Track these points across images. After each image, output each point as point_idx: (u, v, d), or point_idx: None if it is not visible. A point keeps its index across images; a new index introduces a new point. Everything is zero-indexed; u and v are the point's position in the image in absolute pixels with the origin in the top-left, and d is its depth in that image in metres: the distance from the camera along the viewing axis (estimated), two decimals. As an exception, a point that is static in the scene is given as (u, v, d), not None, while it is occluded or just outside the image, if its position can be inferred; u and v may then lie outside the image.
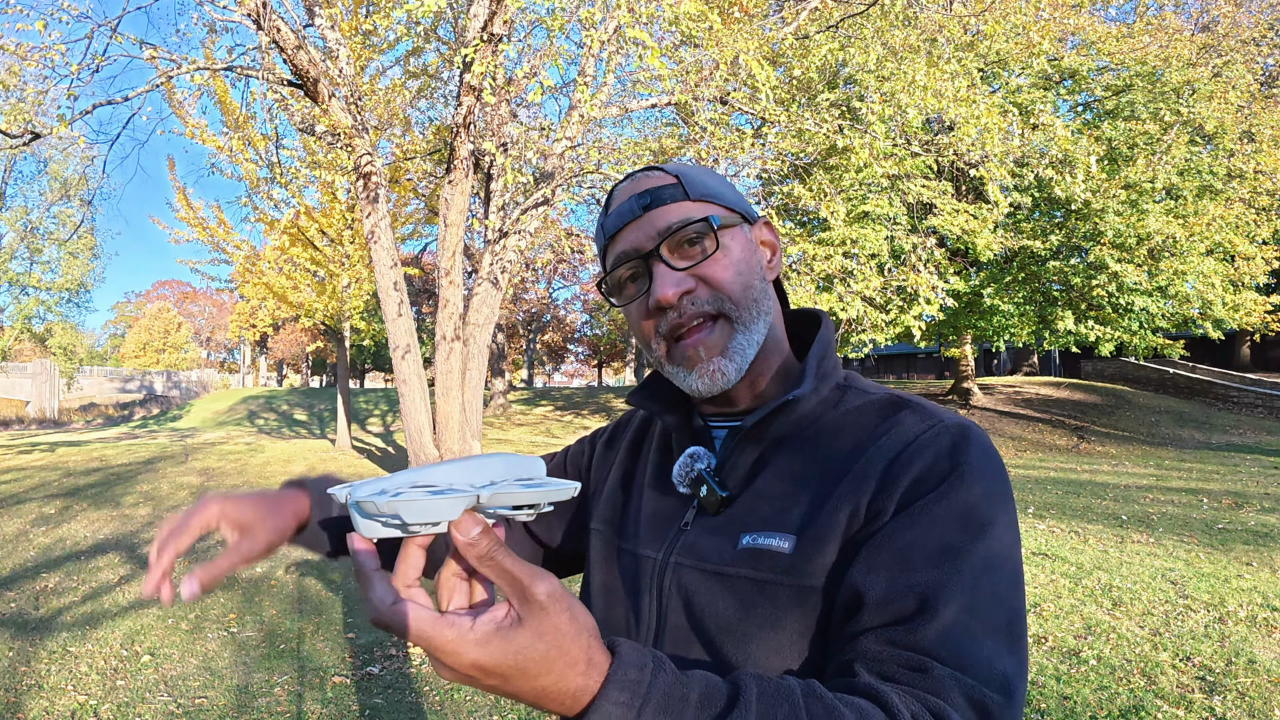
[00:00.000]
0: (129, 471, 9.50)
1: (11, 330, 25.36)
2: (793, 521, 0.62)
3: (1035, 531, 6.33)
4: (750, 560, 0.62)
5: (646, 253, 0.67)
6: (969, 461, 0.59)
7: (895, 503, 0.58)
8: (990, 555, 0.56)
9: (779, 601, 0.60)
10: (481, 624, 0.42)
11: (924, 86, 7.34)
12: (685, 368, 0.68)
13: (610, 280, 0.71)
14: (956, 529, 0.56)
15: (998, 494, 0.59)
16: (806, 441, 0.67)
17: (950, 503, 0.57)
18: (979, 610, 0.54)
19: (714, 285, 0.67)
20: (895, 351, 32.82)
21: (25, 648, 3.71)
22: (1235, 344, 22.26)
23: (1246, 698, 3.01)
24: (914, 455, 0.60)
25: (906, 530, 0.57)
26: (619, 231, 0.70)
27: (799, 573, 0.60)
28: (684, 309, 0.66)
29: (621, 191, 0.72)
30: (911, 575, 0.55)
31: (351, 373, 41.83)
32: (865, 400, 0.68)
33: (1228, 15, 14.01)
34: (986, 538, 0.56)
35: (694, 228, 0.67)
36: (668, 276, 0.66)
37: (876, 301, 10.55)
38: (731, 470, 0.68)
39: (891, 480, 0.59)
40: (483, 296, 8.88)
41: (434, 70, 10.12)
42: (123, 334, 52.70)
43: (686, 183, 0.69)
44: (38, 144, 18.61)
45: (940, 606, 0.53)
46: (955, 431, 0.61)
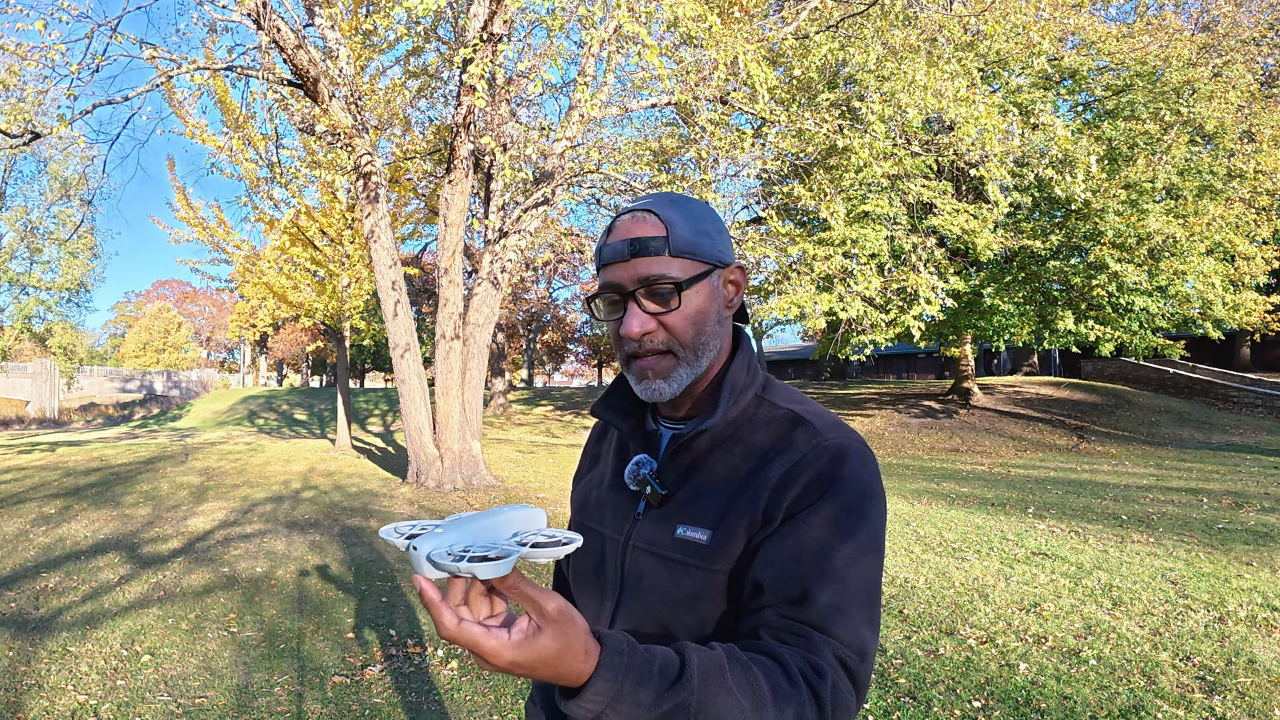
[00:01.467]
0: (129, 471, 9.51)
1: (11, 330, 25.36)
2: (710, 518, 0.82)
3: (1035, 531, 6.33)
4: (681, 547, 0.82)
5: (626, 291, 0.84)
6: (842, 476, 0.79)
7: (783, 511, 0.78)
8: (856, 549, 0.76)
9: (698, 580, 0.81)
10: (515, 633, 0.60)
11: (924, 86, 7.34)
12: (637, 378, 0.86)
13: (598, 299, 0.88)
14: (830, 533, 0.76)
15: (865, 497, 0.79)
16: (726, 450, 0.86)
17: (825, 513, 0.77)
18: (846, 593, 0.75)
19: (671, 331, 0.84)
20: (895, 351, 32.82)
21: (25, 647, 3.72)
22: (1235, 344, 22.26)
23: (1246, 698, 3.01)
24: (799, 472, 0.79)
25: (791, 535, 0.77)
26: (609, 265, 0.85)
27: (712, 559, 0.80)
28: (644, 343, 0.84)
29: (620, 228, 0.86)
30: (795, 569, 0.75)
31: (351, 372, 41.86)
32: (772, 416, 0.86)
33: (1228, 15, 14.01)
34: (853, 537, 0.77)
35: (664, 285, 0.83)
36: (637, 317, 0.84)
37: (876, 301, 10.55)
38: (669, 473, 0.88)
39: (781, 493, 0.78)
40: (483, 296, 8.88)
41: (434, 70, 10.11)
42: (123, 334, 52.70)
43: (673, 237, 0.84)
44: (38, 144, 18.63)
45: (816, 593, 0.74)
46: (834, 452, 0.80)
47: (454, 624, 0.59)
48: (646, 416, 0.97)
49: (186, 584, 4.82)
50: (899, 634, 3.84)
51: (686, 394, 0.90)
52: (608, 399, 0.98)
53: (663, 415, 0.95)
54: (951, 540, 6.04)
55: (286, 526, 6.54)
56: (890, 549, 5.78)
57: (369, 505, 7.68)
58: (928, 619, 4.06)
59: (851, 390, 21.96)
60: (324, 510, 7.35)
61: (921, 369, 34.29)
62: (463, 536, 0.62)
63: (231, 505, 7.46)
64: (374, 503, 7.83)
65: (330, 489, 8.67)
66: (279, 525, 6.59)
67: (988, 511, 7.43)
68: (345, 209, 11.35)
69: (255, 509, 7.30)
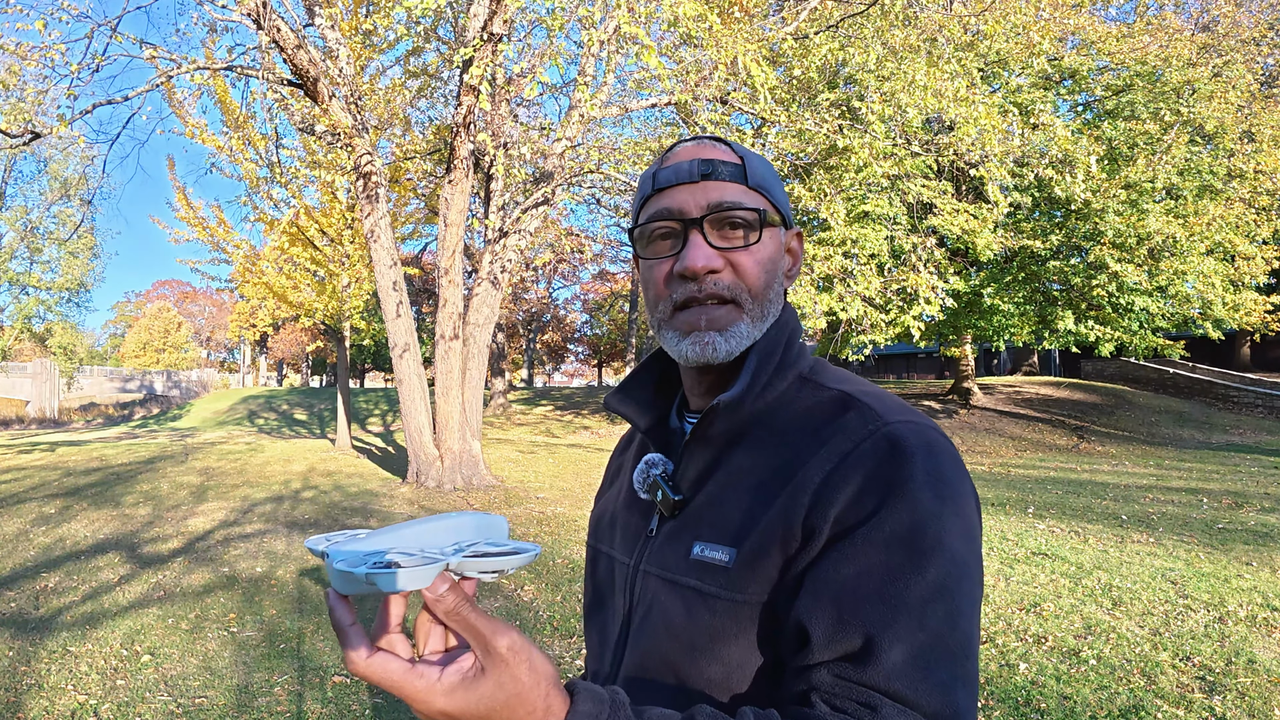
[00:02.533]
0: (129, 471, 9.51)
1: (11, 330, 25.36)
2: (732, 532, 0.63)
3: (1035, 531, 6.34)
4: (697, 571, 0.64)
5: (690, 219, 0.68)
6: (910, 475, 0.58)
7: (830, 524, 0.58)
8: (940, 580, 0.55)
9: (718, 613, 0.62)
10: (448, 674, 0.46)
11: (924, 86, 7.34)
12: (682, 332, 0.68)
13: (643, 230, 0.71)
14: (900, 557, 0.55)
15: (947, 503, 0.58)
16: (757, 442, 0.67)
17: (891, 528, 0.56)
18: (927, 643, 0.54)
19: (740, 273, 0.68)
20: (895, 351, 32.83)
21: (25, 647, 3.72)
22: (1235, 344, 22.26)
23: (1246, 698, 3.01)
24: (851, 468, 0.59)
25: (847, 562, 0.57)
26: (670, 188, 0.69)
27: (735, 588, 0.61)
28: (705, 284, 0.67)
29: (684, 150, 0.71)
30: (855, 612, 0.55)
31: (351, 372, 41.84)
32: (816, 399, 0.68)
33: (1228, 15, 14.01)
34: (934, 561, 0.55)
35: (744, 213, 0.68)
36: (702, 249, 0.67)
37: (876, 301, 10.55)
38: (685, 473, 0.71)
39: (827, 498, 0.59)
40: (483, 296, 8.88)
41: (434, 70, 10.11)
42: (123, 334, 52.71)
43: (749, 168, 0.70)
44: (38, 144, 18.63)
45: (886, 644, 0.53)
46: (894, 438, 0.60)
47: (363, 657, 0.45)
48: (671, 413, 0.79)
49: (186, 584, 4.82)
50: (899, 634, 3.84)
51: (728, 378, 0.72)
52: (624, 390, 0.80)
53: (691, 411, 0.77)
54: (951, 540, 6.03)
55: (286, 526, 6.54)
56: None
57: (369, 505, 7.68)
58: (928, 619, 4.06)
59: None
60: (324, 510, 7.35)
61: (921, 369, 34.30)
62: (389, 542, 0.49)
63: (231, 505, 7.46)
64: (374, 503, 7.83)
65: (330, 489, 8.68)
66: (279, 525, 6.59)
67: (988, 511, 7.43)
68: (345, 209, 11.36)
69: (255, 509, 7.31)
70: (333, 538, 0.52)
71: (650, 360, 0.82)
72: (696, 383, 0.74)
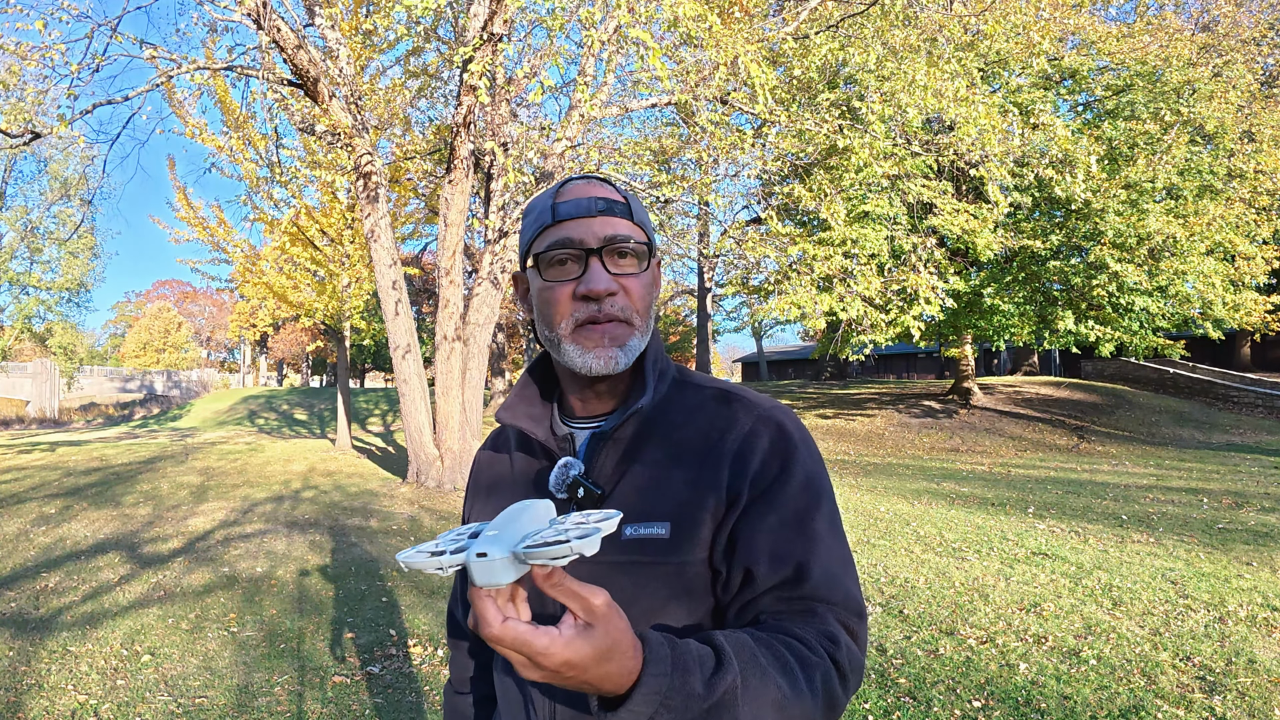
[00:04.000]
0: (129, 471, 9.51)
1: (12, 330, 25.35)
2: (664, 509, 0.76)
3: (1035, 531, 6.34)
4: (636, 548, 0.76)
5: (591, 248, 0.78)
6: (795, 444, 0.78)
7: (748, 486, 0.75)
8: (829, 512, 0.77)
9: (665, 578, 0.75)
10: (565, 629, 0.56)
11: (924, 86, 7.33)
12: (586, 347, 0.78)
13: (546, 256, 0.79)
14: (805, 501, 0.76)
15: (817, 460, 0.79)
16: (660, 438, 0.81)
17: (795, 483, 0.76)
18: (833, 558, 0.75)
19: (631, 296, 0.79)
20: (895, 351, 32.82)
21: (25, 647, 3.72)
22: (1235, 344, 22.26)
23: (1246, 698, 3.01)
24: (752, 445, 0.77)
25: (768, 513, 0.75)
26: (571, 220, 0.79)
27: (677, 552, 0.75)
28: (604, 305, 0.78)
29: (578, 187, 0.81)
30: (785, 547, 0.73)
31: (351, 372, 41.85)
32: (700, 396, 0.83)
33: (1228, 15, 14.01)
34: (824, 499, 0.77)
35: (635, 246, 0.79)
36: (602, 274, 0.77)
37: (876, 302, 10.55)
38: (601, 471, 0.81)
39: (741, 469, 0.76)
40: (483, 296, 8.87)
41: (434, 70, 10.10)
42: (123, 334, 52.70)
43: (633, 207, 0.82)
44: (38, 144, 18.63)
45: (810, 566, 0.73)
46: (776, 420, 0.79)
47: (499, 620, 0.54)
48: (554, 419, 0.88)
49: (187, 584, 4.82)
50: (899, 634, 3.84)
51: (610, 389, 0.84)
52: (513, 406, 0.89)
53: (571, 416, 0.87)
54: (951, 540, 6.04)
55: (287, 526, 6.54)
56: (890, 549, 5.78)
57: (369, 505, 7.68)
58: (928, 619, 4.06)
59: (851, 390, 21.96)
60: (324, 510, 7.35)
61: (921, 369, 34.29)
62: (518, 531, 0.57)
63: (232, 505, 7.46)
64: (374, 502, 7.83)
65: (330, 489, 8.68)
66: (279, 525, 6.59)
67: (988, 511, 7.43)
68: (345, 209, 11.35)
69: (255, 509, 7.31)
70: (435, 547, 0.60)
71: (530, 376, 0.92)
72: (586, 391, 0.85)
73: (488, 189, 9.64)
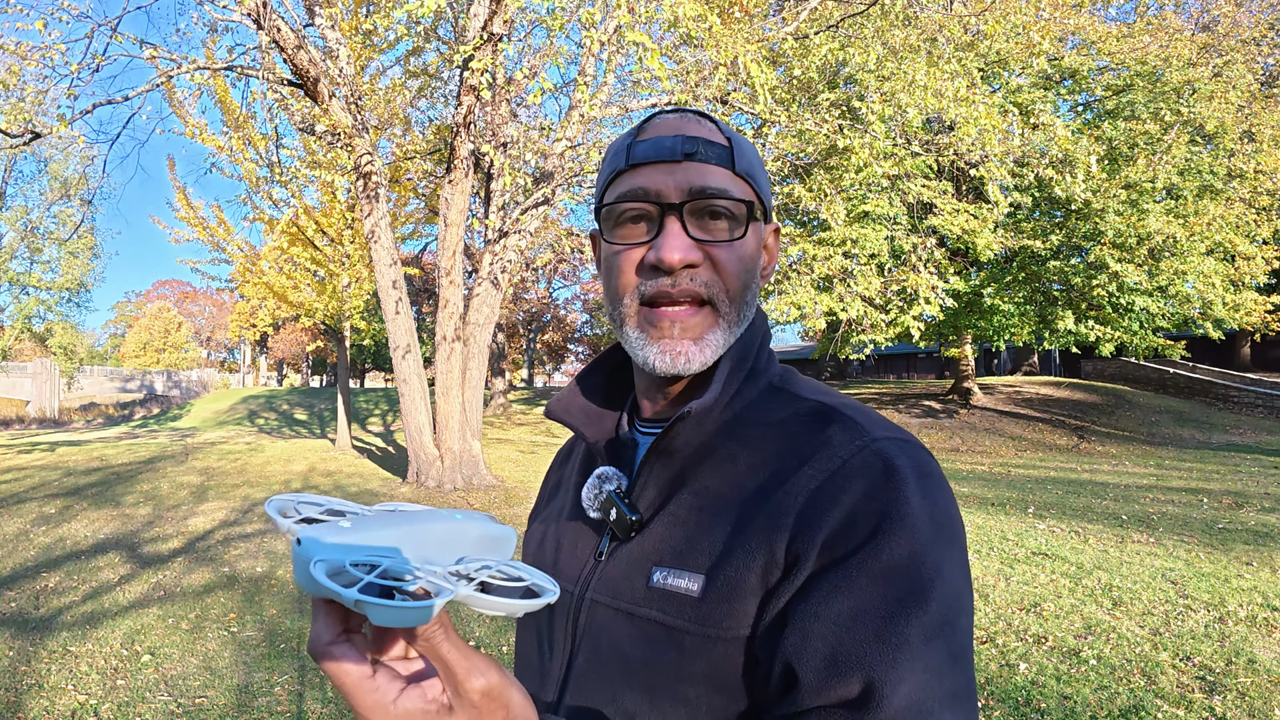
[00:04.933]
0: (129, 471, 9.50)
1: (12, 330, 25.36)
2: (702, 558, 0.56)
3: (1035, 531, 6.34)
4: (659, 601, 0.57)
5: (669, 203, 0.59)
6: (905, 497, 0.52)
7: (818, 550, 0.51)
8: (941, 613, 0.50)
9: (685, 650, 0.54)
10: (407, 698, 0.39)
11: (924, 86, 7.34)
12: (651, 338, 0.60)
13: (610, 210, 0.62)
14: (898, 591, 0.49)
15: (942, 529, 0.52)
16: (727, 457, 0.60)
17: (888, 559, 0.50)
18: (930, 684, 0.48)
19: (720, 271, 0.60)
20: (895, 351, 32.81)
21: (25, 647, 3.72)
22: (1235, 344, 22.26)
23: (1246, 698, 3.01)
24: (839, 490, 0.53)
25: (840, 596, 0.50)
26: (647, 164, 0.60)
27: (707, 620, 0.54)
28: (680, 280, 0.59)
29: (665, 123, 0.62)
30: (851, 654, 0.48)
31: (351, 372, 41.84)
32: (792, 411, 0.61)
33: (1228, 15, 14.01)
34: (934, 593, 0.50)
35: (730, 204, 0.60)
36: (680, 238, 0.58)
37: (876, 301, 10.55)
38: (643, 490, 0.62)
39: (813, 521, 0.52)
40: (483, 296, 8.88)
41: (434, 70, 10.10)
42: (123, 334, 52.70)
43: (737, 152, 0.61)
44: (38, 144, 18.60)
45: (887, 690, 0.47)
46: (886, 457, 0.54)
47: (323, 643, 0.39)
48: (620, 422, 0.70)
49: (187, 584, 4.82)
50: (899, 634, 3.84)
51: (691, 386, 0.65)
52: (569, 397, 0.71)
53: (646, 419, 0.68)
54: (951, 540, 6.04)
55: (287, 526, 6.55)
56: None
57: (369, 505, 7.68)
58: (928, 619, 4.06)
59: (852, 390, 21.97)
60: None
61: (921, 369, 34.29)
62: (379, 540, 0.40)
63: (232, 505, 7.46)
64: (374, 502, 7.83)
65: (331, 489, 8.68)
66: (279, 525, 6.59)
67: (988, 511, 7.43)
68: (345, 209, 11.35)
69: (255, 509, 7.31)
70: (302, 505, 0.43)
71: (600, 361, 0.73)
72: (656, 389, 0.66)
73: (488, 189, 9.64)
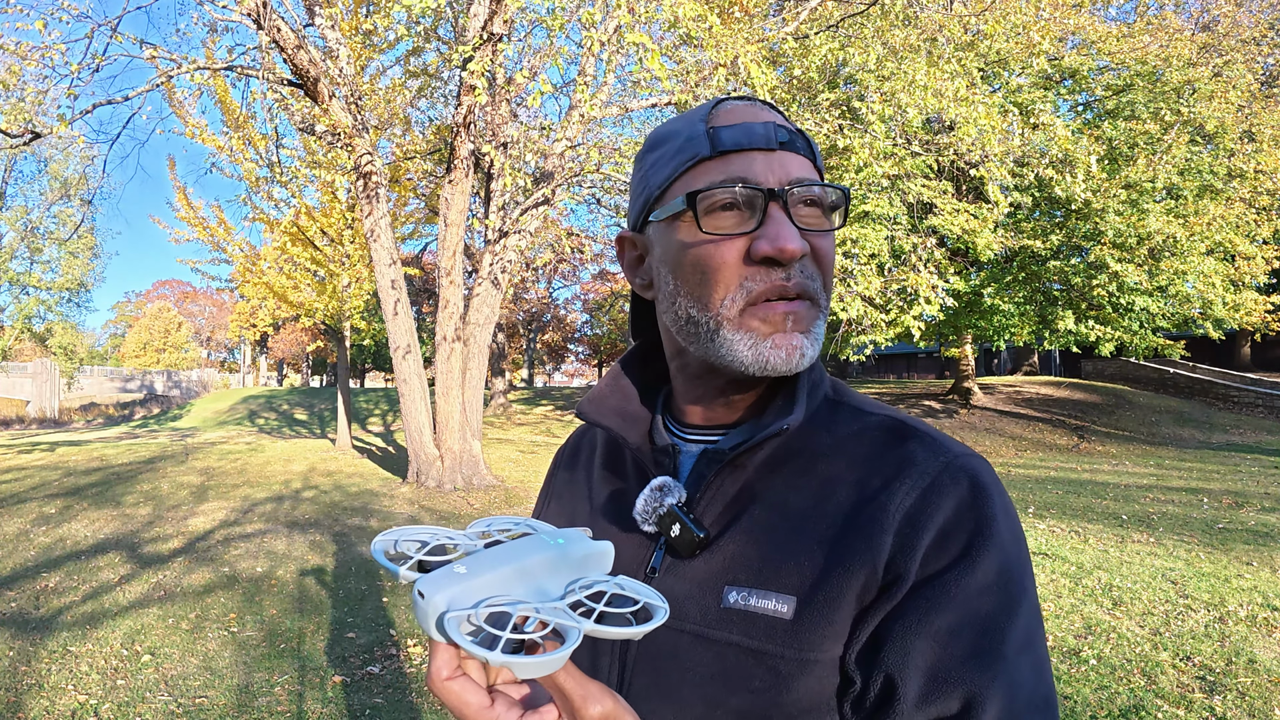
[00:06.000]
0: (130, 471, 9.51)
1: (12, 330, 25.36)
2: (790, 577, 0.54)
3: (1035, 531, 6.33)
4: (741, 623, 0.54)
5: (770, 189, 0.55)
6: (993, 513, 0.52)
7: (918, 566, 0.51)
8: (1026, 626, 0.51)
9: (780, 675, 0.52)
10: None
11: (924, 86, 7.34)
12: (761, 334, 0.55)
13: (706, 197, 0.56)
14: (993, 605, 0.51)
15: (1021, 543, 0.54)
16: (800, 473, 0.58)
17: (983, 573, 0.51)
18: (1021, 697, 0.50)
19: (820, 262, 0.57)
20: (895, 351, 32.82)
21: (26, 647, 3.72)
22: (1236, 344, 22.26)
23: (1246, 697, 3.01)
24: (932, 506, 0.52)
25: (939, 612, 0.50)
26: (740, 151, 0.56)
27: (803, 644, 0.52)
28: (792, 274, 0.55)
29: (743, 110, 0.58)
30: (952, 670, 0.50)
31: (351, 372, 41.82)
32: (862, 424, 0.59)
33: (1228, 15, 14.01)
34: (1022, 610, 0.51)
35: (832, 194, 0.57)
36: (792, 228, 0.54)
37: (876, 301, 10.55)
38: (708, 504, 0.59)
39: (912, 539, 0.52)
40: (483, 296, 8.88)
41: (434, 70, 10.11)
42: (123, 334, 52.72)
43: (814, 149, 0.60)
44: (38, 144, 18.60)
45: (986, 705, 0.49)
46: (972, 472, 0.54)
47: (443, 677, 0.40)
48: (656, 426, 0.66)
49: (187, 584, 4.82)
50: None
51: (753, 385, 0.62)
52: (602, 398, 0.68)
53: (684, 424, 0.65)
54: (951, 540, 6.04)
55: (287, 526, 6.54)
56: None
57: (369, 505, 7.68)
58: (928, 619, 4.06)
59: (851, 390, 21.96)
60: (324, 510, 7.35)
61: (922, 369, 34.29)
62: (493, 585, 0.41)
63: (232, 505, 7.46)
64: (374, 502, 7.83)
65: (331, 489, 8.68)
66: (279, 525, 6.59)
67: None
68: (345, 209, 11.35)
69: (256, 509, 7.31)
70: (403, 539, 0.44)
71: (625, 368, 0.70)
72: (717, 396, 0.62)
73: (488, 189, 9.64)
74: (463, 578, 0.40)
